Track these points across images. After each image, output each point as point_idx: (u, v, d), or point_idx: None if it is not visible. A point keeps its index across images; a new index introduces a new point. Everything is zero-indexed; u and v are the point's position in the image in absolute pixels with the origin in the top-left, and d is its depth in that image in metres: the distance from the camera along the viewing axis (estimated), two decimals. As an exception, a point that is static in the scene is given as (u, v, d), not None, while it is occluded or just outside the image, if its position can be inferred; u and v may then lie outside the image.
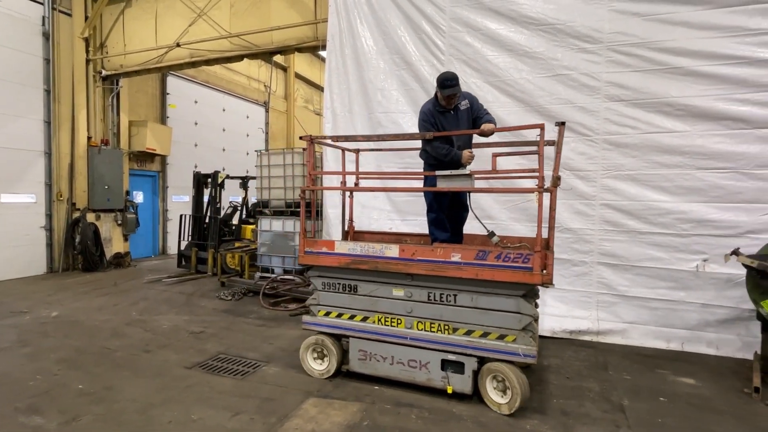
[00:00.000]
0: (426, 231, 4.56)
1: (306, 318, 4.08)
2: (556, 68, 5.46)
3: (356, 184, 4.92)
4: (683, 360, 4.66)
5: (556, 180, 3.20)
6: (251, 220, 9.16)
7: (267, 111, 14.28)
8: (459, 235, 4.43)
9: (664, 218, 5.09)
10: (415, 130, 5.88)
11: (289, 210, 7.15)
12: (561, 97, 5.41)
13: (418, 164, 6.00)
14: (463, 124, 4.03)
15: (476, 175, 3.66)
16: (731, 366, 4.49)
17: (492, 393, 3.43)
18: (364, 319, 3.84)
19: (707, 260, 4.95)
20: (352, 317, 3.89)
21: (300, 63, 14.45)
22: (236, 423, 3.24)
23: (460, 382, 3.50)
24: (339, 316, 3.94)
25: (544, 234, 3.39)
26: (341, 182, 4.72)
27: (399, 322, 3.71)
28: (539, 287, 3.42)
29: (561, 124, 3.31)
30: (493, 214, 5.65)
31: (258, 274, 7.33)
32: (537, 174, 3.25)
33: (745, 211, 4.81)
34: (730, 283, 4.81)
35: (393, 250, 3.62)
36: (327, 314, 3.99)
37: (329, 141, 4.60)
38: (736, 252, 4.07)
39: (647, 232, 5.14)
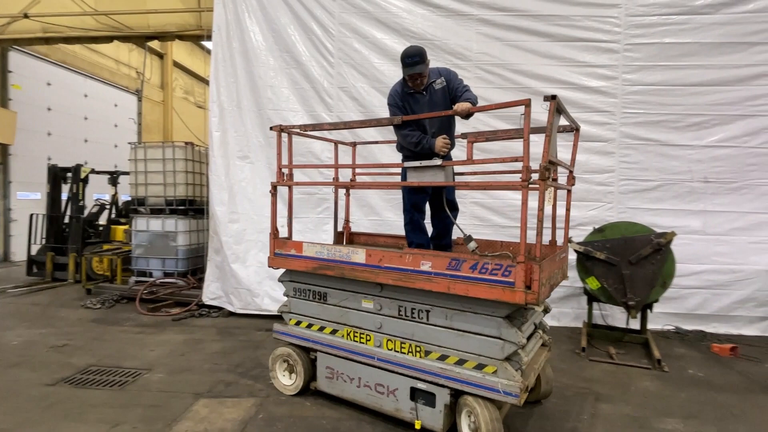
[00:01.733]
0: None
1: (276, 326, 3.77)
2: (434, 80, 6.07)
3: (352, 180, 4.47)
4: (534, 331, 5.59)
5: (545, 171, 2.54)
6: (123, 220, 8.29)
7: (140, 100, 12.88)
8: (446, 239, 3.84)
9: (519, 214, 6.02)
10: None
11: (169, 208, 6.68)
12: (438, 106, 6.03)
13: (305, 160, 6.15)
14: (438, 106, 3.42)
15: (446, 166, 3.24)
16: (567, 333, 5.54)
17: None
18: (334, 332, 3.44)
19: (551, 248, 6.00)
20: (321, 329, 3.51)
21: (179, 51, 13.34)
22: (116, 434, 3.06)
23: (431, 417, 2.95)
24: (309, 326, 3.58)
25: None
26: (334, 177, 4.33)
27: (368, 338, 3.25)
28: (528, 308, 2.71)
29: (551, 98, 2.59)
30: (378, 210, 6.07)
31: (133, 279, 6.72)
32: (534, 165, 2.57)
33: (575, 207, 5.88)
34: (568, 266, 5.90)
35: (360, 255, 3.17)
36: (298, 324, 3.64)
37: (297, 130, 4.02)
38: (569, 241, 5.03)
39: (507, 226, 6.00)
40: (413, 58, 3.26)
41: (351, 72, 6.07)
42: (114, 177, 8.45)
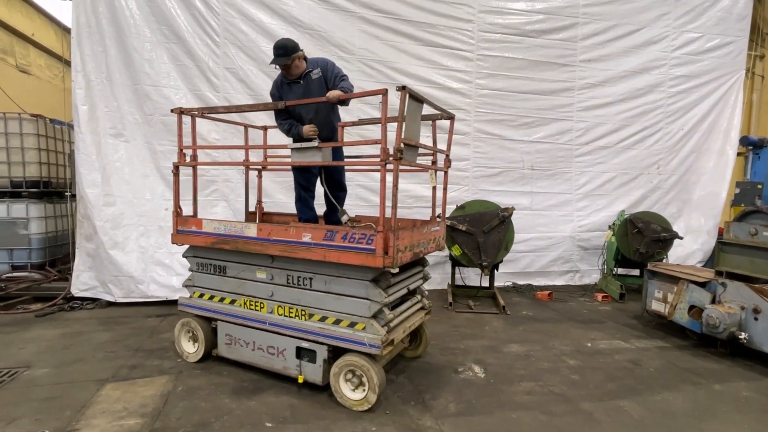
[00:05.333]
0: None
1: (181, 299, 3.97)
2: (320, 69, 6.44)
3: (264, 160, 4.51)
4: (410, 295, 6.56)
5: (397, 152, 2.91)
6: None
7: (-70, 55, 10.03)
8: (333, 216, 4.13)
9: (397, 195, 6.89)
10: (188, 107, 5.90)
11: (15, 191, 5.71)
12: (325, 94, 6.46)
13: (188, 140, 5.94)
14: (313, 95, 3.68)
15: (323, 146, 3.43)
16: (437, 294, 6.65)
17: (344, 387, 3.25)
18: (232, 302, 3.73)
19: (422, 224, 7.03)
20: (221, 300, 3.78)
21: (-10, -2, 10.71)
22: (15, 429, 2.85)
23: (312, 372, 3.36)
24: (211, 298, 3.82)
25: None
26: (244, 159, 4.42)
27: (262, 306, 3.58)
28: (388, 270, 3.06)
29: (402, 89, 2.91)
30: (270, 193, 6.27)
31: (-35, 276, 5.61)
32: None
33: (439, 189, 7.05)
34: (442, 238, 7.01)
35: (252, 230, 3.47)
36: (201, 296, 3.87)
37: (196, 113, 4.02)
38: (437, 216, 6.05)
39: (386, 206, 6.81)
40: (277, 51, 3.59)
41: (238, 53, 6.05)
42: None
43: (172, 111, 3.91)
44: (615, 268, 6.97)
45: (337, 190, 4.07)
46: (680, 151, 7.83)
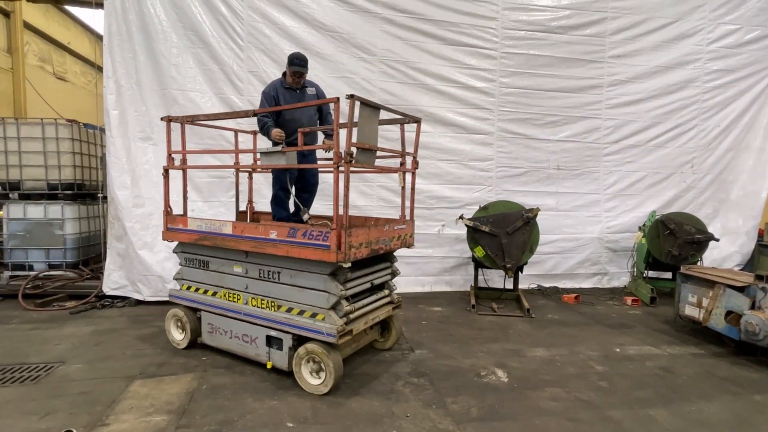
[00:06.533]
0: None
1: (171, 290, 4.33)
2: (342, 71, 6.47)
3: (254, 163, 4.79)
4: (432, 297, 6.51)
5: (348, 155, 3.09)
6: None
7: (-23, 64, 10.58)
8: (297, 215, 4.46)
9: (419, 195, 6.79)
10: (215, 111, 6.03)
11: (51, 193, 5.96)
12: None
13: (215, 143, 6.08)
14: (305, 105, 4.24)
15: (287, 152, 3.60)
16: (460, 296, 6.58)
17: (305, 373, 3.48)
18: (214, 294, 4.02)
19: (444, 225, 6.96)
20: (205, 292, 4.08)
21: (31, 11, 11.25)
22: (51, 422, 2.97)
23: (279, 358, 3.62)
24: (196, 290, 4.14)
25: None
26: (234, 162, 4.75)
27: (238, 297, 3.85)
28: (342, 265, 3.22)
29: (350, 97, 3.13)
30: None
31: (7, 273, 5.88)
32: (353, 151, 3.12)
33: (464, 190, 6.98)
34: (458, 240, 6.92)
35: (227, 227, 3.75)
36: (188, 288, 4.19)
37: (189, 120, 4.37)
38: (461, 217, 5.98)
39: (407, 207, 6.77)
40: (302, 60, 4.23)
41: (262, 57, 6.14)
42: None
43: (162, 119, 4.20)
44: (645, 271, 6.72)
45: (305, 192, 4.53)
46: (716, 149, 7.48)
